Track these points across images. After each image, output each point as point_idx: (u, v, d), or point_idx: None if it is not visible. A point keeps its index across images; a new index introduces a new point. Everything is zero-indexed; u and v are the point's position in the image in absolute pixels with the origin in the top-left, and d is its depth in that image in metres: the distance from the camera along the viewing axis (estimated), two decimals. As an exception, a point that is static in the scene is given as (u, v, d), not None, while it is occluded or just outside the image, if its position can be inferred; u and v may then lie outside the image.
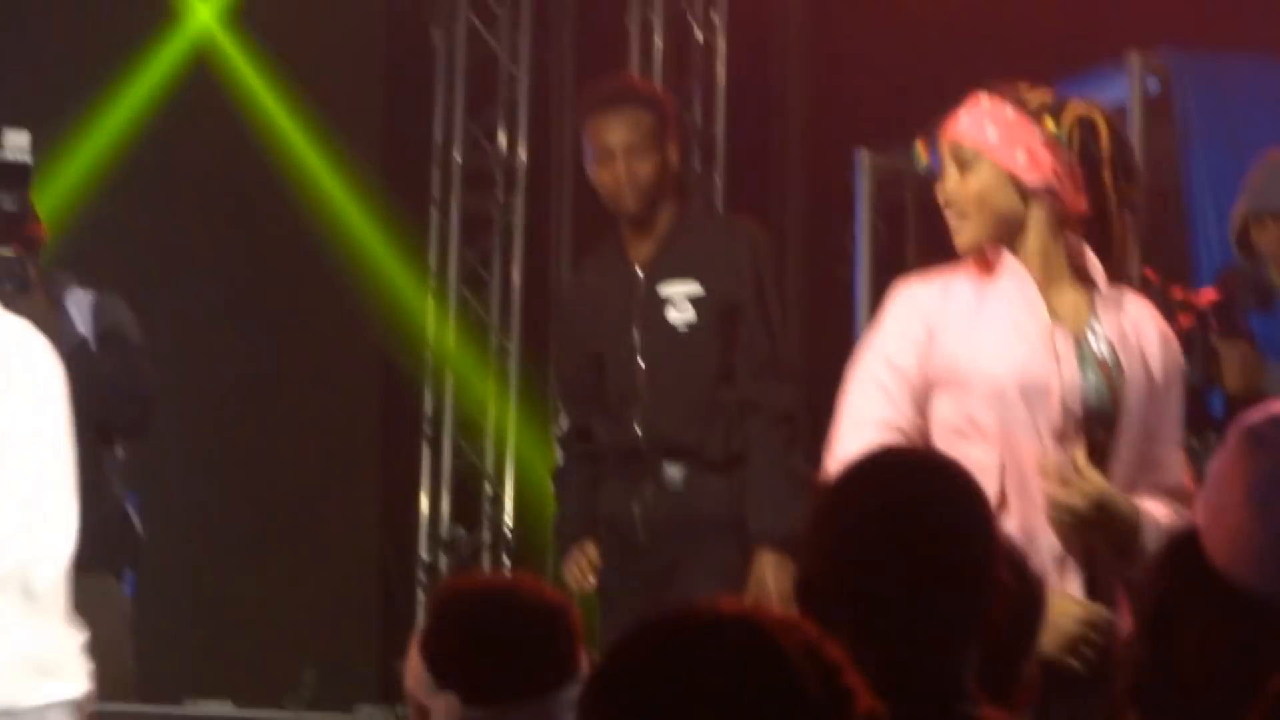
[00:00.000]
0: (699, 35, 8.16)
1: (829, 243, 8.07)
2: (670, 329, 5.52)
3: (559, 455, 5.89)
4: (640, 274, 5.57)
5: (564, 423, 6.00)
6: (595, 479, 5.73)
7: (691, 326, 5.51)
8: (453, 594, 3.01)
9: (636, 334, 5.55)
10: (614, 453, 5.64)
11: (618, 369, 5.58)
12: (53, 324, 5.25)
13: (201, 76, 8.31)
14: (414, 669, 2.88)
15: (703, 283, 5.50)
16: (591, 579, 5.56)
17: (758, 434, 5.44)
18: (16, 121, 5.43)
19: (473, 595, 2.95)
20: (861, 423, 3.99)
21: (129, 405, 5.69)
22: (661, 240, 5.57)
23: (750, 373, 5.47)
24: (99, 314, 5.68)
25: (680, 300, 5.53)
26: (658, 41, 8.11)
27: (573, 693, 2.78)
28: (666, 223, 5.58)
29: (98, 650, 5.38)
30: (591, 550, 5.69)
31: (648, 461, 5.51)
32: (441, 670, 2.79)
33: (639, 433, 5.50)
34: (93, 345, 5.61)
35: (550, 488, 6.07)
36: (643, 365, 5.52)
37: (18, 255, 5.47)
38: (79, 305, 5.68)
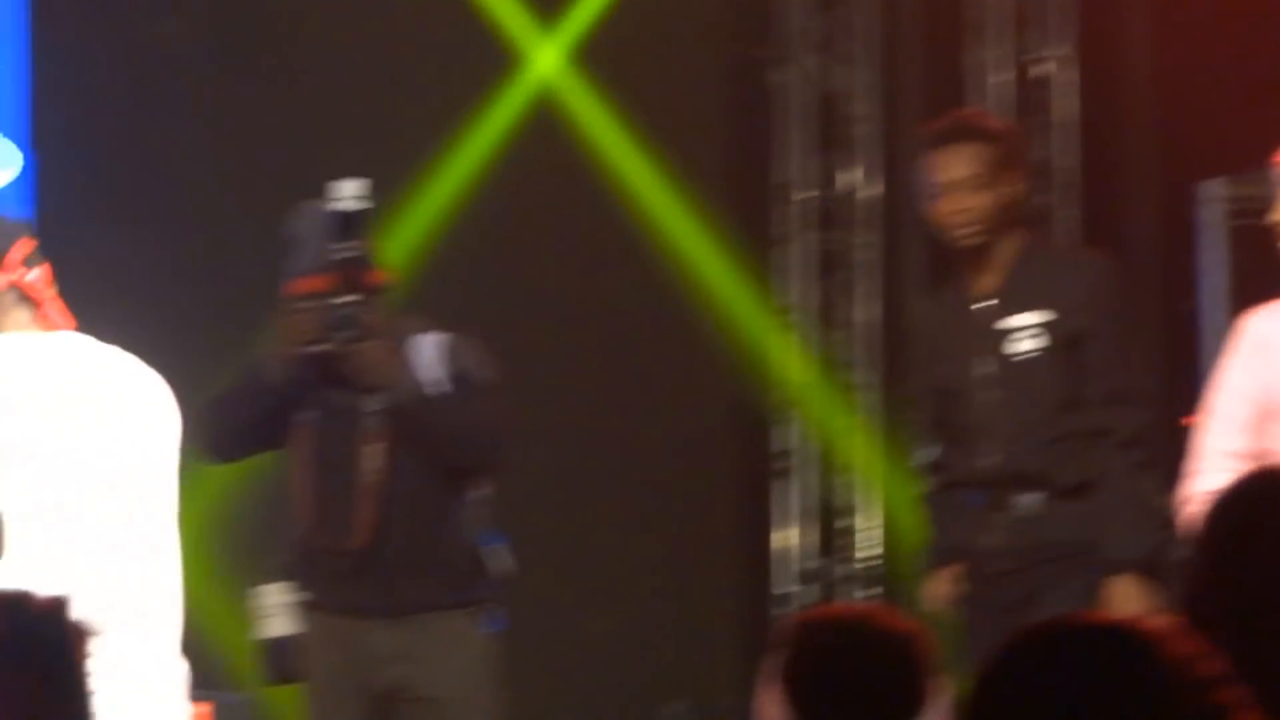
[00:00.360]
0: (1044, 69, 8.35)
1: (1177, 275, 8.12)
2: (1015, 359, 5.64)
3: (921, 485, 6.04)
4: (982, 305, 5.69)
5: (921, 455, 6.13)
6: (953, 508, 5.86)
7: (1037, 356, 5.65)
8: (809, 624, 3.08)
9: (981, 365, 5.68)
10: (966, 483, 5.76)
11: (965, 401, 5.73)
12: (399, 368, 5.65)
13: (543, 121, 8.59)
14: (771, 699, 2.95)
15: (1049, 312, 5.63)
16: (950, 606, 5.69)
17: (1108, 461, 5.57)
18: (366, 173, 5.63)
19: (829, 625, 3.03)
20: (1218, 456, 4.07)
21: (481, 447, 5.83)
22: (1005, 271, 5.71)
23: (1100, 400, 5.61)
24: (451, 356, 5.81)
25: (1025, 330, 5.66)
26: (1003, 77, 8.34)
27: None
28: (1009, 254, 5.70)
29: (454, 688, 5.62)
30: (951, 578, 5.83)
31: (999, 491, 5.65)
32: (798, 700, 2.85)
33: (989, 463, 5.64)
34: (444, 388, 5.75)
35: (907, 519, 6.23)
36: (989, 396, 5.64)
37: (355, 302, 5.63)
38: (429, 349, 5.81)
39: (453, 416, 5.76)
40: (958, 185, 5.58)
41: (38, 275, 4.18)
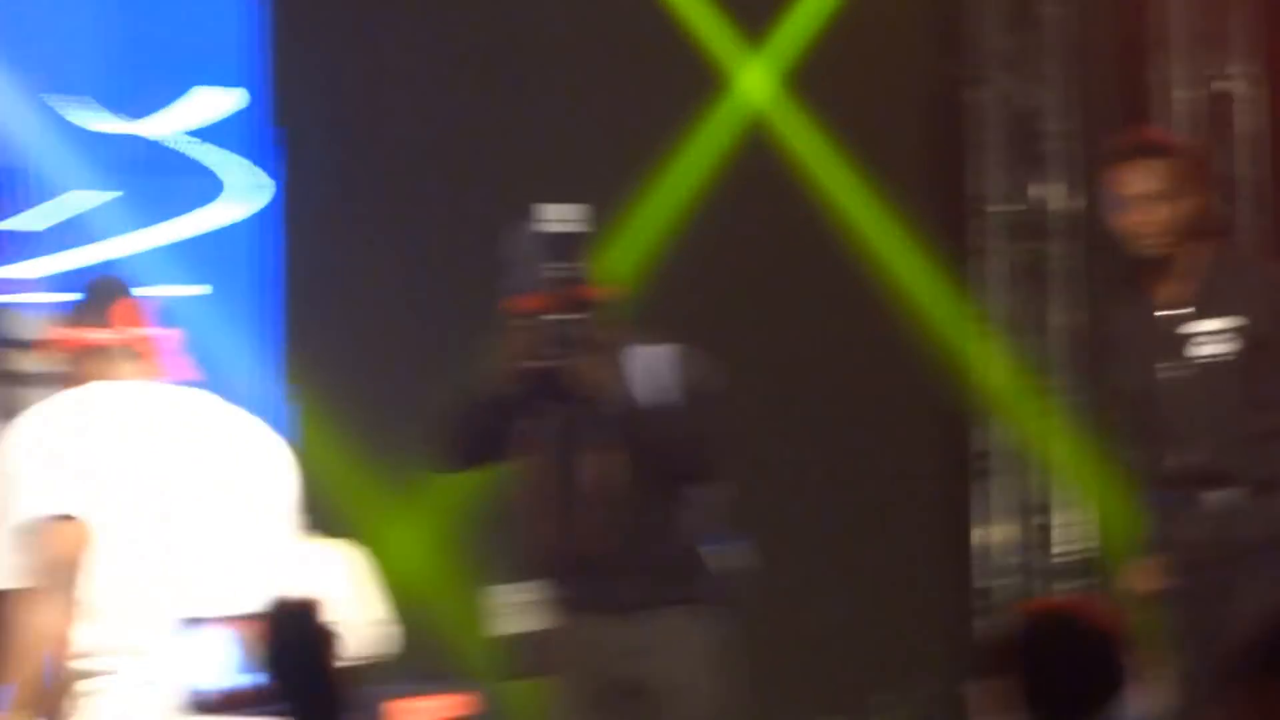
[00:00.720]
0: (1229, 85, 8.73)
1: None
2: (1204, 362, 5.98)
3: (1120, 483, 6.39)
4: (1172, 312, 6.05)
5: (1118, 454, 6.50)
6: (1154, 504, 6.19)
7: (1226, 359, 5.97)
8: (1021, 617, 3.37)
9: (1171, 369, 6.03)
10: (1163, 480, 6.09)
11: (1156, 402, 6.07)
12: (615, 380, 6.03)
13: (752, 139, 9.04)
14: (985, 690, 3.22)
15: (1238, 318, 5.96)
16: (1152, 596, 6.02)
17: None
18: (580, 195, 6.03)
19: (1038, 617, 3.34)
20: None
21: (697, 454, 6.16)
22: (1194, 279, 6.05)
23: (1284, 402, 5.92)
24: (676, 367, 6.17)
25: (1214, 335, 5.99)
26: (1190, 93, 8.72)
27: (1120, 710, 3.14)
28: (1197, 263, 6.04)
29: (681, 679, 6.03)
30: (1153, 570, 6.17)
31: (1194, 488, 5.99)
32: (1026, 681, 3.11)
33: (1184, 461, 5.97)
34: (667, 397, 6.12)
35: (1104, 514, 6.56)
36: (1179, 398, 5.99)
37: (571, 319, 5.98)
38: (653, 360, 6.17)
39: (670, 426, 6.11)
40: (1142, 199, 5.97)
41: (139, 330, 4.78)
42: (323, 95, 8.85)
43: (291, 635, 3.27)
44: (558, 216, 6.16)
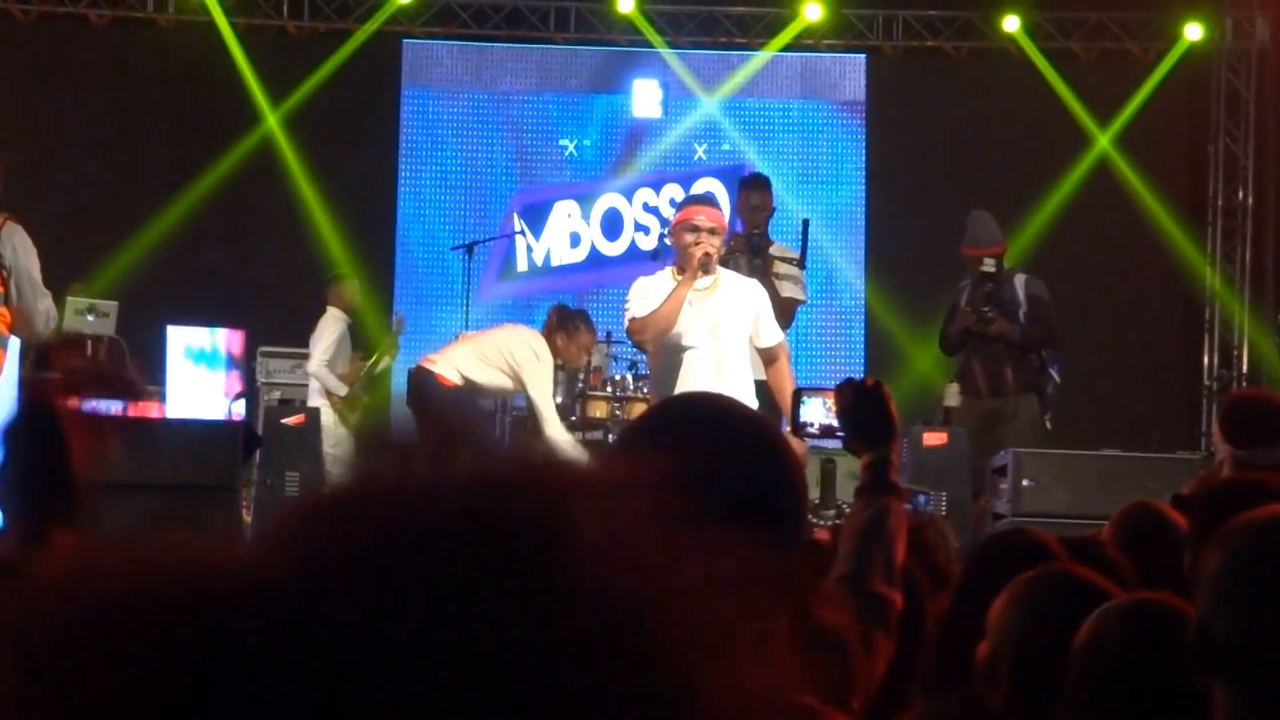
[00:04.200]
0: None
1: None
2: None
3: None
4: None
5: None
6: None
7: None
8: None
9: None
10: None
11: None
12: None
13: (1100, 183, 15.92)
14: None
15: None
16: None
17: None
18: (1000, 205, 13.04)
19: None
20: None
21: (1047, 345, 11.10)
22: None
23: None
24: (1027, 285, 10.97)
25: None
26: None
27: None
28: None
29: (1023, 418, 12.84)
30: None
31: None
32: None
33: None
34: (1026, 318, 10.96)
35: None
36: None
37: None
38: (1020, 282, 11.03)
39: (1032, 339, 10.88)
40: None
41: None
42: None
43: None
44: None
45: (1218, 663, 2.68)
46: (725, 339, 8.15)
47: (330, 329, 13.33)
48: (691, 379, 7.89)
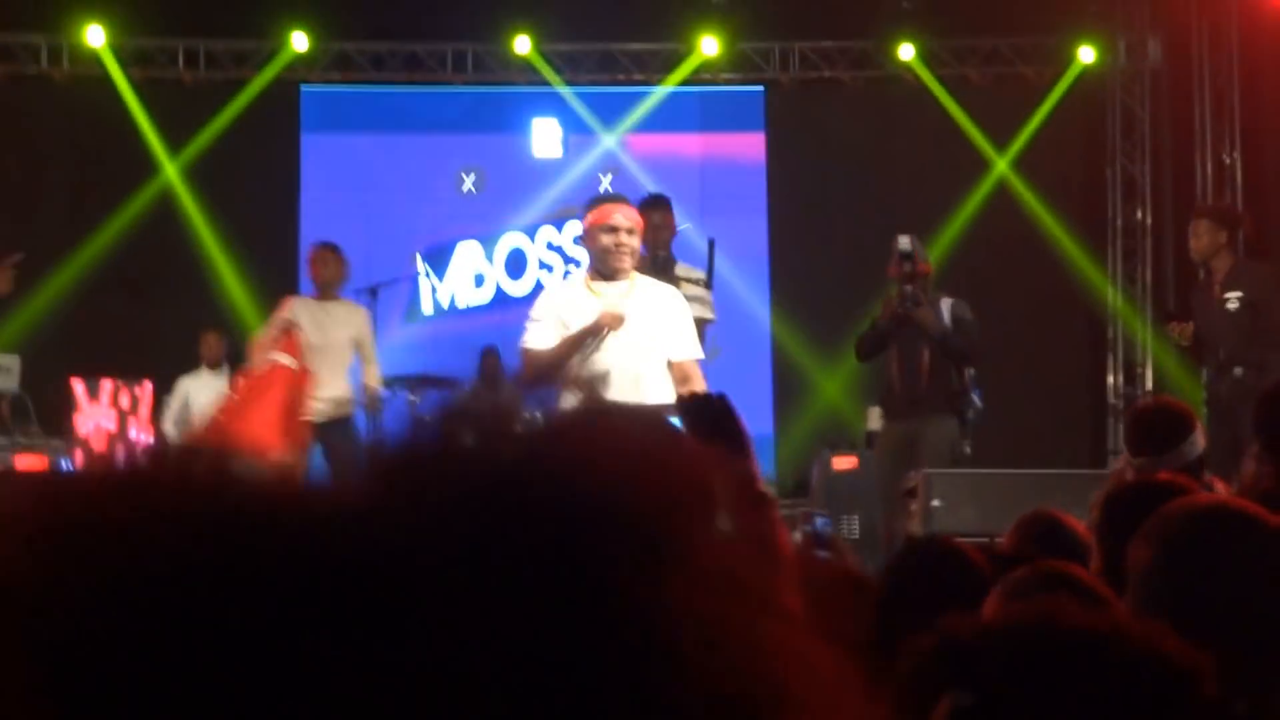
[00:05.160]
0: None
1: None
2: None
3: None
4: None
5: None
6: None
7: None
8: None
9: None
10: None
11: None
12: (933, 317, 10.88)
13: (999, 201, 16.03)
14: None
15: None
16: None
17: None
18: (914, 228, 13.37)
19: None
20: None
21: (965, 351, 10.77)
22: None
23: None
24: (953, 309, 10.88)
25: None
26: None
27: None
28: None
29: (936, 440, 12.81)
30: None
31: None
32: None
33: None
34: (949, 324, 10.84)
35: None
36: None
37: (915, 286, 11.00)
38: (945, 306, 10.90)
39: (955, 343, 10.72)
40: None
41: None
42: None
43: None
44: (903, 241, 10.75)
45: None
46: (644, 349, 7.71)
47: (180, 387, 13.36)
48: (607, 394, 7.14)
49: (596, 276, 7.90)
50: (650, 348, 7.72)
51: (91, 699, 0.76)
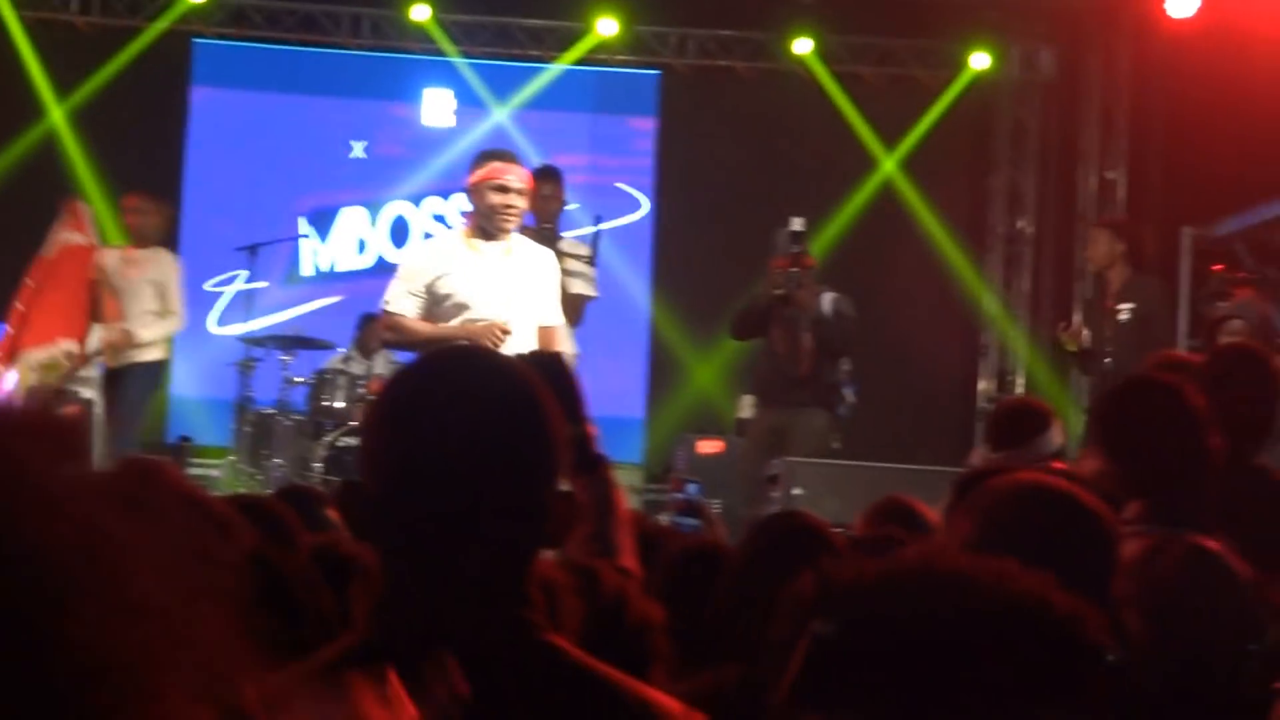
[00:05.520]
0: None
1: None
2: None
3: None
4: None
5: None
6: None
7: None
8: None
9: None
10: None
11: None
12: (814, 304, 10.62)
13: (885, 201, 16.07)
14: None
15: None
16: None
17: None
18: (807, 213, 13.34)
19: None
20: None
21: (844, 341, 10.71)
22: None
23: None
24: (835, 302, 10.75)
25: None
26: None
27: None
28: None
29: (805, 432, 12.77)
30: None
31: None
32: None
33: None
34: (830, 314, 10.67)
35: None
36: None
37: (797, 272, 10.39)
38: (828, 298, 10.71)
39: (832, 327, 10.65)
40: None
41: None
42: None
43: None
44: (795, 224, 10.53)
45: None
46: (514, 311, 7.69)
47: None
48: None
49: (477, 233, 7.83)
50: (522, 310, 7.68)
51: None
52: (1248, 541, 4.16)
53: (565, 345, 7.77)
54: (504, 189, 7.68)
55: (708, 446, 10.47)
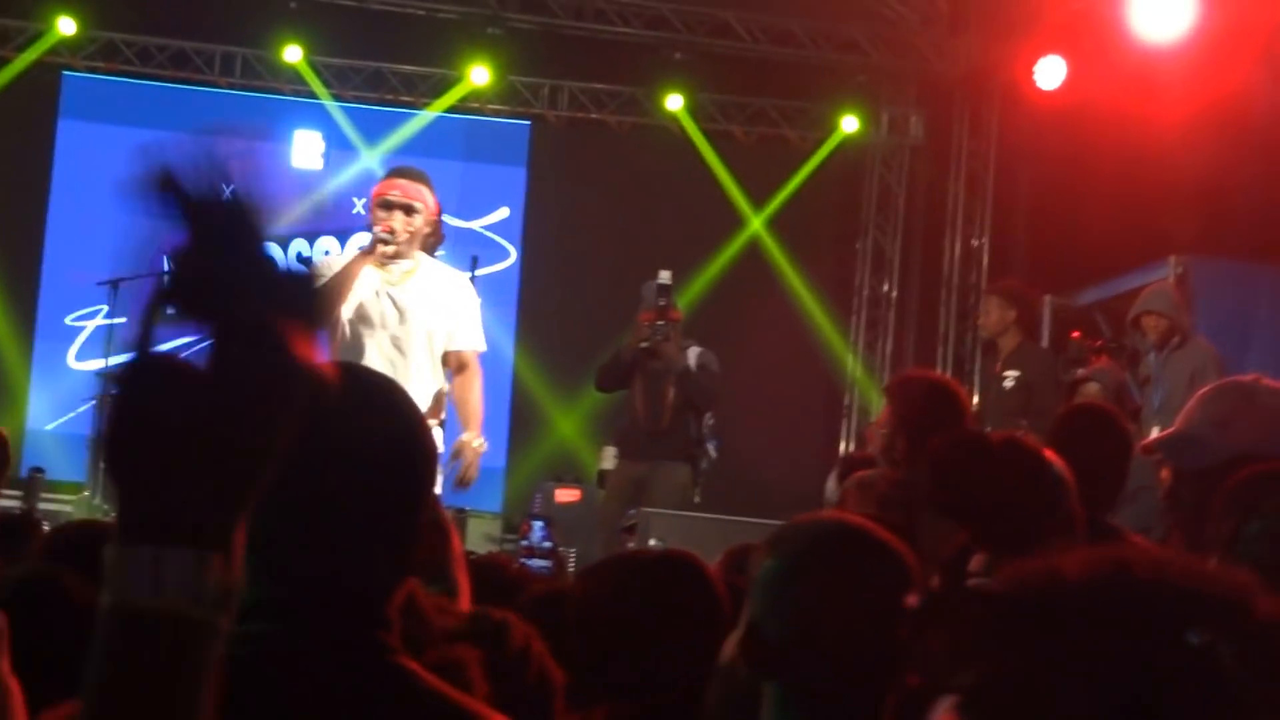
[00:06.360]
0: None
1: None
2: None
3: None
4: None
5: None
6: None
7: None
8: None
9: None
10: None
11: None
12: (679, 357, 10.64)
13: (750, 257, 16.20)
14: None
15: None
16: None
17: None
18: (672, 265, 13.39)
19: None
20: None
21: (707, 396, 10.78)
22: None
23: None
24: (699, 356, 10.89)
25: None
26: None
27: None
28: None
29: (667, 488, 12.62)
30: None
31: None
32: None
33: None
34: (694, 368, 10.80)
35: None
36: None
37: (664, 326, 10.50)
38: (693, 352, 10.84)
39: (696, 381, 10.76)
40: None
41: None
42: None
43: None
44: (661, 277, 10.57)
45: (769, 662, 2.75)
46: (411, 334, 7.39)
47: None
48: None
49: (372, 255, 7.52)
50: (419, 336, 7.43)
51: None
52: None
53: (474, 376, 7.54)
54: (387, 205, 7.41)
55: (566, 495, 10.46)
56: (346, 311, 7.38)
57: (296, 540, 2.04)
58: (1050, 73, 13.66)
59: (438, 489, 5.31)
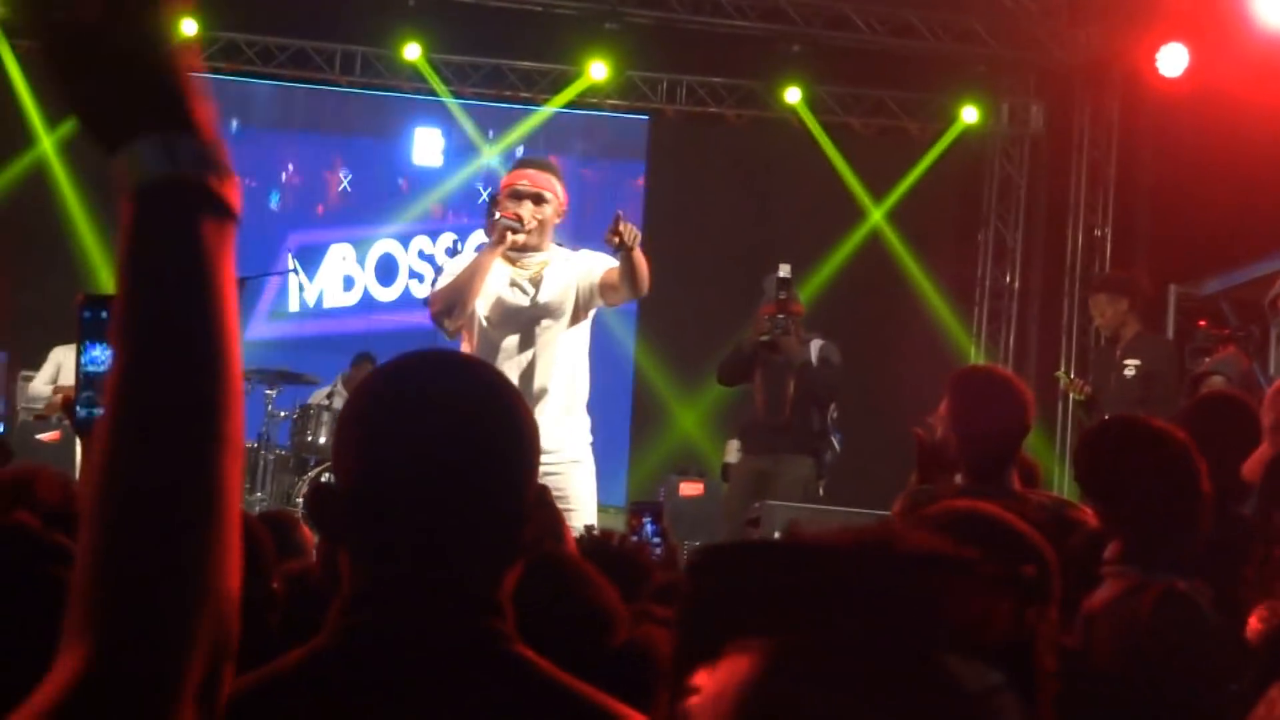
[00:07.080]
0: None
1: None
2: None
3: None
4: None
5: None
6: None
7: None
8: None
9: None
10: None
11: None
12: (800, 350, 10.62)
13: (870, 248, 16.05)
14: None
15: None
16: None
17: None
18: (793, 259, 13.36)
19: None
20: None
21: (830, 389, 10.69)
22: None
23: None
24: (822, 349, 10.72)
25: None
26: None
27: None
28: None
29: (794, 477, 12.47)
30: None
31: None
32: None
33: None
34: (814, 360, 10.70)
35: None
36: None
37: (784, 319, 10.31)
38: (815, 345, 10.68)
39: (817, 374, 10.59)
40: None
41: None
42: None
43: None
44: (783, 269, 10.41)
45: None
46: (547, 325, 7.29)
47: (54, 355, 13.02)
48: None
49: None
50: (553, 332, 7.31)
51: None
52: (1228, 587, 4.15)
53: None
54: (517, 195, 7.30)
55: (690, 488, 10.47)
56: (481, 307, 7.30)
57: (401, 526, 2.03)
58: (1173, 60, 13.54)
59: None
